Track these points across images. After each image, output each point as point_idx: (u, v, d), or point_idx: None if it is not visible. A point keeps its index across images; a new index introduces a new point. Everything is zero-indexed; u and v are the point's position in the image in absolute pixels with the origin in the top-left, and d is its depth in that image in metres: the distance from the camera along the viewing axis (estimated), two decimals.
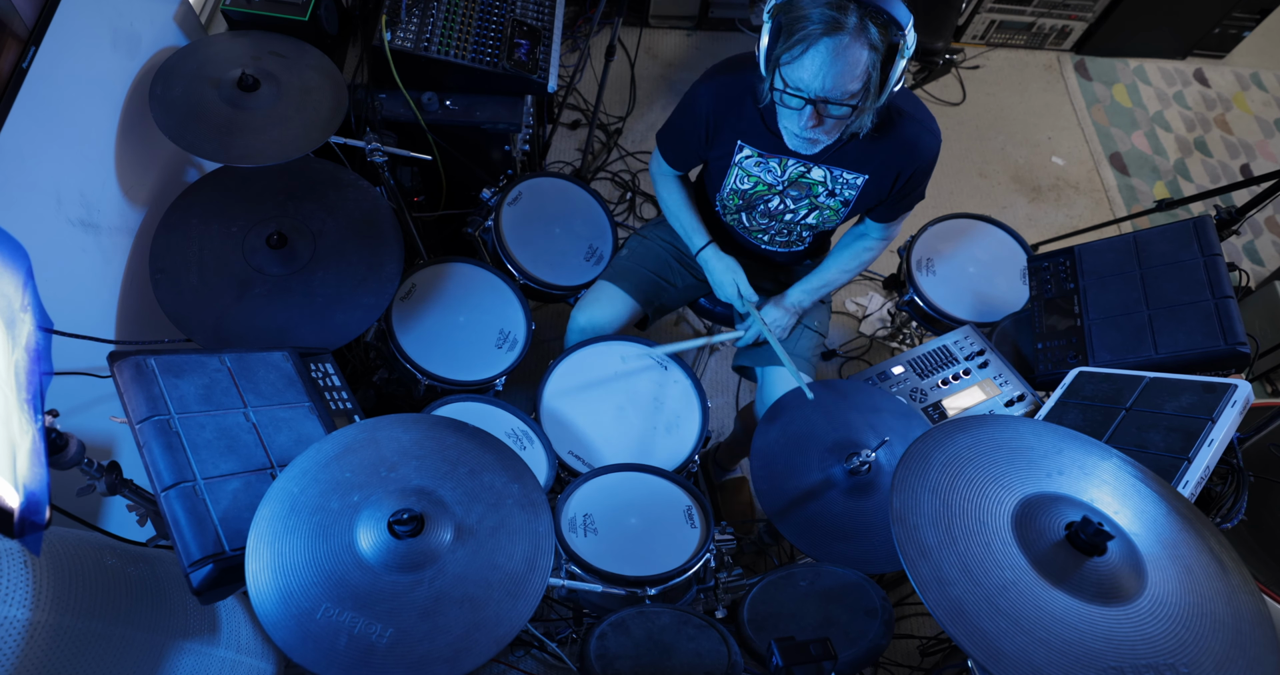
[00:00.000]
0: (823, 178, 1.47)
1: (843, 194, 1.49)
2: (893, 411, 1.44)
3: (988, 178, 3.03)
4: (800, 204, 1.53)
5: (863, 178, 1.45)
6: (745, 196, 1.57)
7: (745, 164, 1.50)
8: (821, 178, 1.47)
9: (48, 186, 1.27)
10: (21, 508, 0.79)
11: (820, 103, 1.23)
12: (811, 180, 1.48)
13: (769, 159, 1.47)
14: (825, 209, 1.53)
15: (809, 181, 1.48)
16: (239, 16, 1.67)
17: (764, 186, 1.53)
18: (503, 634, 0.88)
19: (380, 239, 1.54)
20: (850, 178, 1.46)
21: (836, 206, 1.52)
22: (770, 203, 1.56)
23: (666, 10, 3.15)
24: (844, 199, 1.50)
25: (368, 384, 1.93)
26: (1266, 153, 3.28)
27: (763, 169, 1.49)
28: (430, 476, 0.98)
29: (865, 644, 1.22)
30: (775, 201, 1.55)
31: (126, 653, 0.97)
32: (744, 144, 1.47)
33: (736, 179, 1.54)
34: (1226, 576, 0.89)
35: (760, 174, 1.50)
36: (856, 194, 1.48)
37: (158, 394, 1.06)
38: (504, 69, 1.82)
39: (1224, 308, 1.38)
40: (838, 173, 1.46)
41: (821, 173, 1.46)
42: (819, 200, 1.52)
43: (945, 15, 2.77)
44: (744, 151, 1.48)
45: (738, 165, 1.51)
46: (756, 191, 1.54)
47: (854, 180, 1.46)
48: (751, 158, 1.48)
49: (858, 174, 1.45)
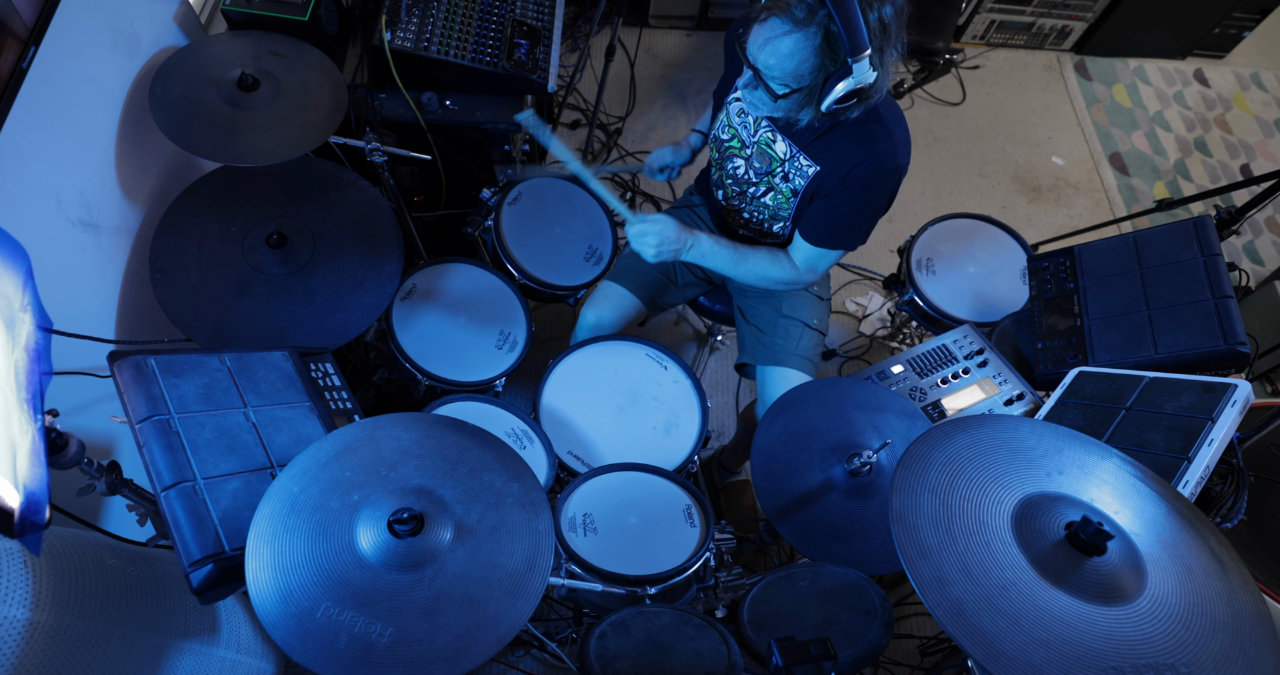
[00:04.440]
0: (784, 155, 1.48)
1: (794, 181, 1.50)
2: (897, 411, 1.43)
3: (988, 178, 3.03)
4: (761, 179, 1.55)
5: (815, 168, 1.45)
6: (721, 149, 1.60)
7: (730, 108, 1.54)
8: (784, 154, 1.48)
9: (48, 186, 1.27)
10: (21, 507, 0.79)
11: (755, 71, 1.27)
12: (774, 155, 1.50)
13: (747, 114, 1.50)
14: (779, 192, 1.54)
15: (772, 155, 1.50)
16: (239, 16, 1.67)
17: (738, 142, 1.56)
18: (503, 633, 0.88)
19: (380, 239, 1.54)
20: (805, 164, 1.46)
21: (788, 193, 1.53)
22: (737, 166, 1.59)
23: (666, 10, 3.15)
24: (794, 187, 1.51)
25: (368, 384, 1.93)
26: (1266, 153, 3.28)
27: (741, 122, 1.53)
28: (430, 476, 0.98)
29: (865, 644, 1.22)
30: (741, 167, 1.58)
31: (126, 653, 0.97)
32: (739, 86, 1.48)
33: (720, 126, 1.58)
34: (1226, 576, 0.89)
35: (738, 128, 1.54)
36: (805, 183, 1.48)
37: (158, 394, 1.06)
38: (504, 69, 1.82)
39: (1224, 308, 1.38)
40: (797, 154, 1.46)
41: (785, 149, 1.47)
42: (775, 181, 1.53)
43: (945, 15, 2.77)
44: (735, 93, 1.51)
45: (726, 107, 1.55)
46: (730, 146, 1.58)
47: (807, 168, 1.46)
48: (737, 105, 1.52)
49: (812, 163, 1.45)
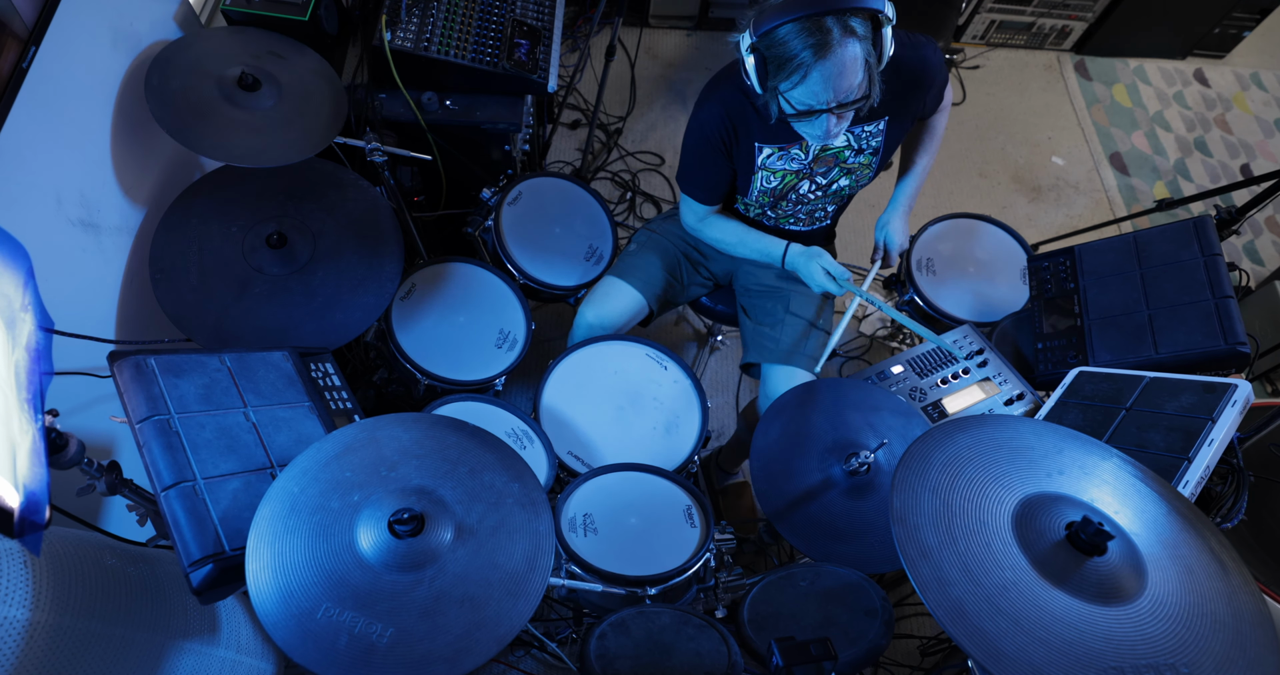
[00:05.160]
0: (845, 141, 1.48)
1: (869, 145, 1.50)
2: (892, 409, 1.44)
3: (988, 178, 3.03)
4: (830, 176, 1.54)
5: (883, 122, 1.46)
6: (774, 193, 1.57)
7: (769, 163, 1.51)
8: (844, 142, 1.48)
9: (48, 186, 1.27)
10: (21, 508, 0.79)
11: (833, 109, 1.25)
12: (835, 148, 1.49)
13: (790, 148, 1.48)
14: (858, 169, 1.54)
15: (833, 151, 1.49)
16: (239, 16, 1.67)
17: (791, 176, 1.53)
18: (503, 634, 0.88)
19: (380, 239, 1.54)
20: (871, 128, 1.46)
21: (868, 160, 1.53)
22: (800, 189, 1.56)
23: (666, 10, 3.15)
24: (872, 149, 1.51)
25: (368, 384, 1.93)
26: (1266, 153, 3.28)
27: (785, 160, 1.50)
28: (430, 476, 0.98)
29: (865, 644, 1.21)
30: (805, 186, 1.56)
31: (126, 653, 0.97)
32: (762, 145, 1.47)
33: (763, 181, 1.54)
34: (1227, 576, 0.89)
35: (784, 166, 1.51)
36: (883, 139, 1.49)
37: (158, 394, 1.06)
38: (504, 69, 1.82)
39: (1224, 307, 1.38)
40: (857, 130, 1.46)
41: (842, 138, 1.47)
42: (848, 163, 1.52)
43: (945, 15, 2.77)
44: (764, 152, 1.48)
45: (761, 168, 1.51)
46: (785, 183, 1.55)
47: (874, 128, 1.46)
48: (772, 155, 1.49)
49: (877, 121, 1.45)
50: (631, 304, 1.70)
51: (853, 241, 2.62)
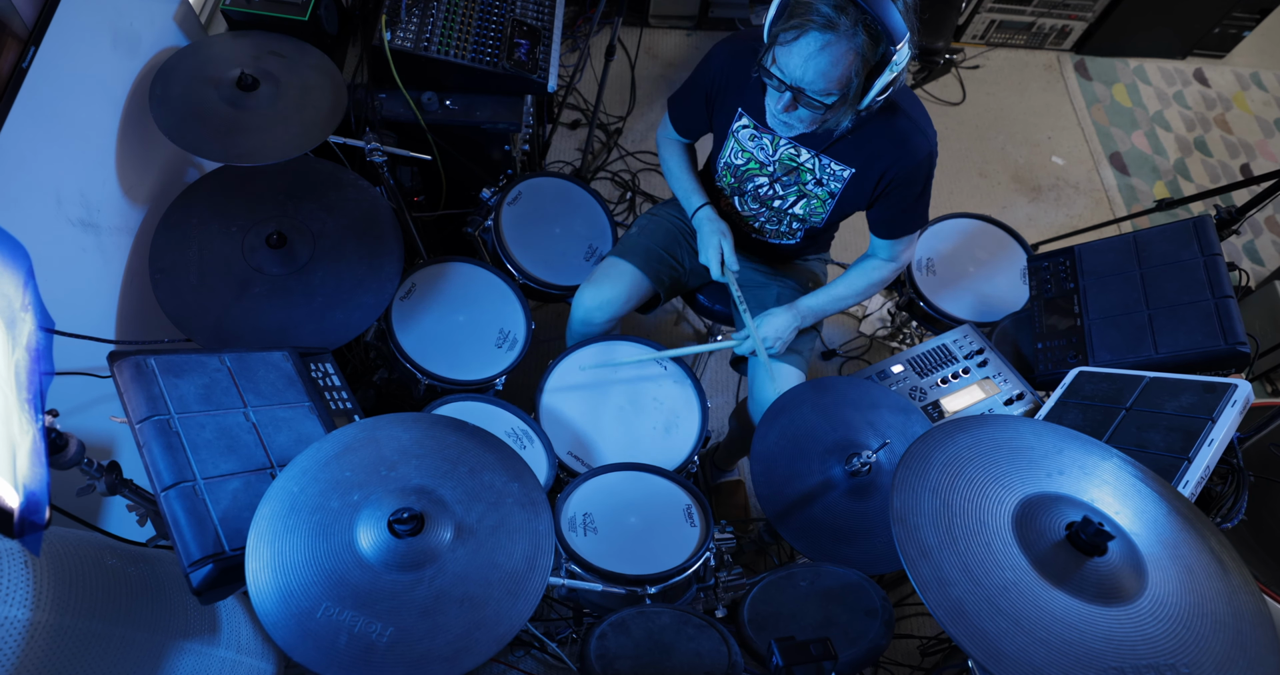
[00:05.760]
0: (811, 165, 1.48)
1: (829, 185, 1.50)
2: (890, 407, 1.43)
3: (988, 178, 3.03)
4: (789, 190, 1.54)
5: (850, 170, 1.45)
6: (737, 174, 1.58)
7: (740, 135, 1.51)
8: (810, 165, 1.48)
9: (48, 186, 1.27)
10: (21, 508, 0.79)
11: (796, 92, 1.25)
12: (801, 165, 1.49)
13: (763, 135, 1.48)
14: (813, 198, 1.54)
15: (798, 165, 1.49)
16: (239, 16, 1.67)
17: (755, 164, 1.54)
18: (503, 633, 0.88)
19: (380, 239, 1.54)
20: (838, 169, 1.46)
21: (824, 197, 1.52)
22: (760, 185, 1.56)
23: (666, 10, 3.15)
24: (830, 190, 1.51)
25: (368, 384, 1.93)
26: (1266, 152, 3.28)
27: (756, 145, 1.51)
28: (430, 475, 0.98)
29: (865, 644, 1.21)
30: (765, 185, 1.56)
31: (126, 653, 0.97)
32: (743, 112, 1.48)
33: (731, 152, 1.55)
34: (1227, 576, 0.89)
35: (753, 150, 1.52)
36: (842, 187, 1.48)
37: (158, 394, 1.06)
38: (504, 69, 1.82)
39: (1224, 307, 1.38)
40: (826, 162, 1.46)
41: (810, 159, 1.47)
42: (807, 187, 1.52)
43: (945, 15, 2.77)
44: (742, 120, 1.49)
45: (734, 135, 1.52)
46: (748, 169, 1.55)
47: (841, 172, 1.46)
48: (748, 129, 1.49)
49: (845, 166, 1.45)
50: (631, 283, 1.67)
51: (853, 241, 2.62)
